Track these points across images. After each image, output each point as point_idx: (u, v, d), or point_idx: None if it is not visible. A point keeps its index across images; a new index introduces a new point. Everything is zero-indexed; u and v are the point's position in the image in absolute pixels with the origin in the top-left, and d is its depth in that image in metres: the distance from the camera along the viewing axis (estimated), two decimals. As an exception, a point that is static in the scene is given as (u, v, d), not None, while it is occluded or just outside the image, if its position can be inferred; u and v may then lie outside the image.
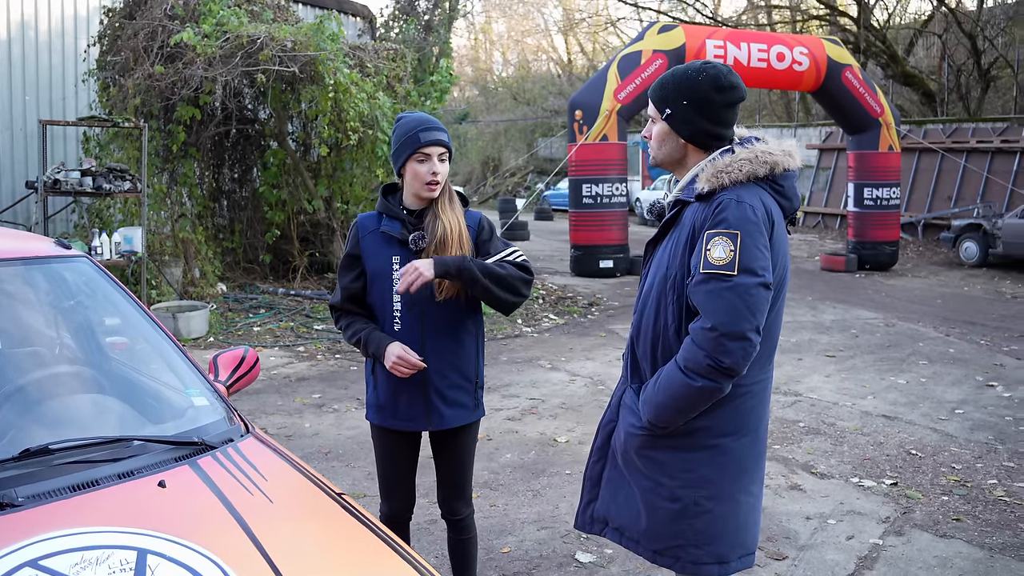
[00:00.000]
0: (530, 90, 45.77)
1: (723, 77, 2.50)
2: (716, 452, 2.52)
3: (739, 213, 2.37)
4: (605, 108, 14.73)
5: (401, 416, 3.21)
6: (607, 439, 2.74)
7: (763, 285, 2.36)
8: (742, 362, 2.34)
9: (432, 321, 3.13)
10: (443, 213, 3.13)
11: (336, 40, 10.24)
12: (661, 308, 2.52)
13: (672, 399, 2.43)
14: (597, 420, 6.59)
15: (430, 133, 3.08)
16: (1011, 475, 5.67)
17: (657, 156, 2.66)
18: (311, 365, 8.34)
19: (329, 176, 12.10)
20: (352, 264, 3.22)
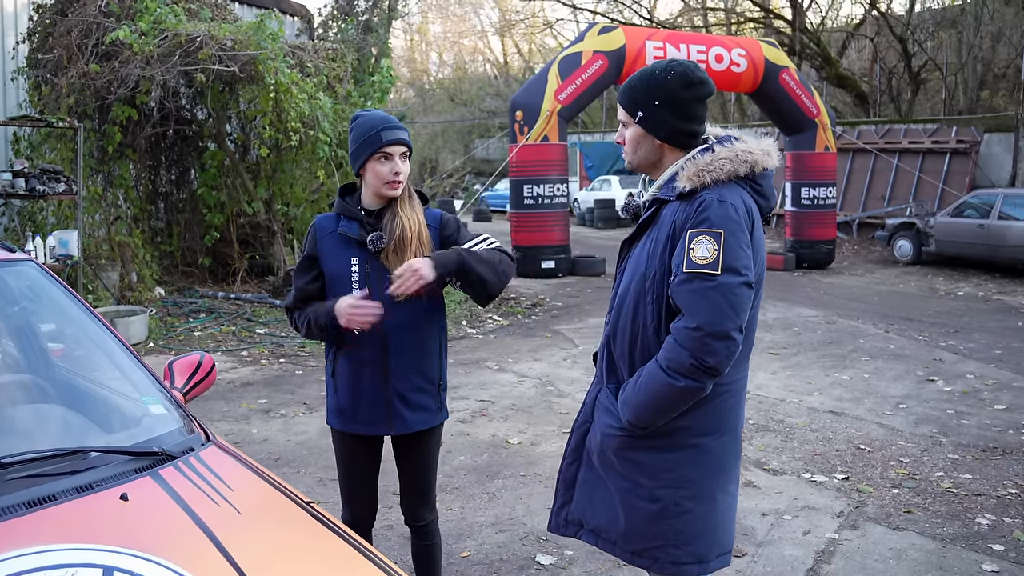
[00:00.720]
0: (467, 91, 45.74)
1: (691, 73, 2.49)
2: (696, 451, 2.50)
3: (722, 212, 2.36)
4: (546, 109, 14.73)
5: (362, 420, 3.13)
6: (581, 440, 2.70)
7: (746, 284, 2.35)
8: (726, 361, 2.33)
9: (393, 322, 3.05)
10: (402, 212, 3.06)
11: (277, 39, 10.07)
12: (640, 307, 2.50)
13: (653, 399, 2.40)
14: (548, 421, 6.65)
15: (392, 132, 3.02)
16: (956, 467, 5.77)
17: (633, 160, 2.63)
18: (255, 370, 8.18)
19: (269, 177, 11.92)
20: (309, 266, 3.15)
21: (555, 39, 46.72)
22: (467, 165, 39.54)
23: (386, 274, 3.03)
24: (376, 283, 3.05)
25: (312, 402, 7.07)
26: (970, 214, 15.80)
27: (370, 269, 3.06)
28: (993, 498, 5.24)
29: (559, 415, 6.86)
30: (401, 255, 3.02)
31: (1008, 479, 5.57)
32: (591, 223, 26.22)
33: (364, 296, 2.98)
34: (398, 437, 3.22)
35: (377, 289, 3.04)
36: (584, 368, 8.42)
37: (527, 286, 14.10)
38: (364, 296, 2.98)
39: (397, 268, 2.96)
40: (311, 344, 9.10)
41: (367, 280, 3.05)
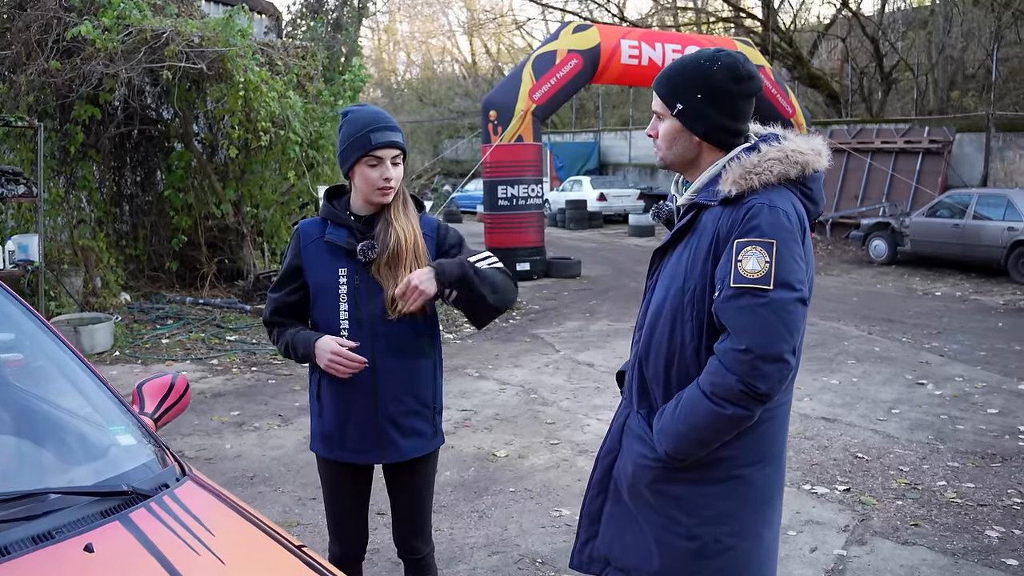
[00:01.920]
0: (436, 91, 45.44)
1: (740, 66, 2.23)
2: (738, 484, 2.25)
3: (773, 219, 2.12)
4: (520, 108, 14.51)
5: (351, 448, 2.85)
6: (607, 471, 2.46)
7: (800, 300, 2.11)
8: (777, 387, 2.09)
9: (385, 341, 2.79)
10: (396, 220, 2.79)
11: (246, 36, 9.74)
12: (677, 325, 2.25)
13: (695, 429, 2.16)
14: (534, 432, 6.40)
15: (383, 134, 2.73)
16: (957, 476, 5.60)
17: (667, 156, 2.36)
18: (226, 379, 7.86)
19: (238, 179, 11.57)
20: (292, 276, 2.87)
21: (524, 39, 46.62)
22: (436, 166, 39.22)
23: (377, 287, 2.77)
24: (366, 297, 2.78)
25: (287, 413, 6.77)
26: (944, 214, 15.75)
27: (359, 281, 2.79)
28: (999, 508, 5.07)
29: (545, 425, 6.61)
30: (394, 268, 2.76)
31: (1012, 487, 5.40)
32: (563, 224, 26.02)
33: (352, 348, 2.73)
34: (390, 465, 2.94)
35: (367, 304, 2.78)
36: (567, 374, 8.19)
37: (502, 289, 13.81)
38: (352, 348, 2.73)
39: (390, 282, 2.73)
40: (284, 351, 8.79)
41: (356, 293, 2.78)
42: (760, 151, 2.21)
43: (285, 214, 12.48)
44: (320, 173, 11.89)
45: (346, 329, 2.79)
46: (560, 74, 14.85)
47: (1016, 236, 14.42)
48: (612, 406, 7.09)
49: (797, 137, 2.28)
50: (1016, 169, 18.57)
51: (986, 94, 21.51)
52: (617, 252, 19.57)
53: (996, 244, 14.66)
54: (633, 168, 30.82)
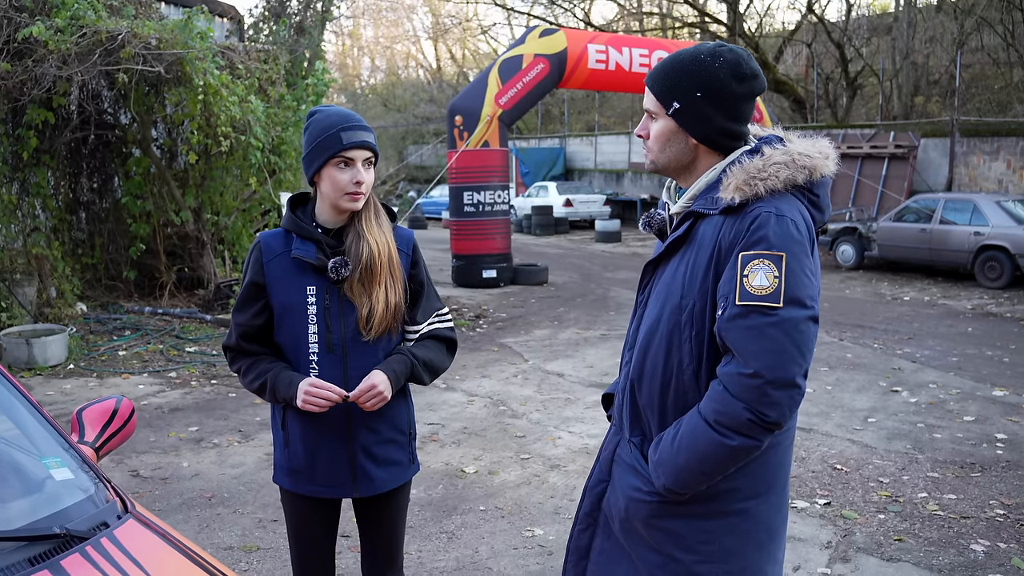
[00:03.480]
0: (400, 97, 45.17)
1: (744, 63, 2.04)
2: (742, 518, 2.07)
3: (781, 230, 1.93)
4: (486, 113, 14.33)
5: (320, 481, 2.63)
6: (597, 503, 2.27)
7: (812, 319, 1.93)
8: (788, 414, 1.91)
9: (357, 364, 2.58)
10: (368, 231, 2.57)
11: (206, 38, 9.46)
12: (674, 346, 2.06)
13: (697, 461, 1.97)
14: (504, 446, 6.20)
15: (354, 133, 2.51)
16: (938, 487, 5.49)
17: (658, 160, 2.15)
18: (185, 393, 7.58)
19: (198, 185, 11.26)
20: (255, 295, 2.61)
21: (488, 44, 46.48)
22: (401, 172, 38.97)
23: (349, 307, 2.56)
24: (337, 317, 2.56)
25: (248, 429, 6.52)
26: (911, 219, 15.77)
27: (329, 301, 2.56)
28: (982, 520, 4.95)
29: (515, 439, 6.42)
30: (369, 285, 2.55)
31: (993, 498, 5.30)
32: (528, 230, 25.87)
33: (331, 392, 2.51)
34: (362, 498, 2.72)
35: (338, 325, 2.56)
36: (536, 385, 8.00)
37: (468, 296, 13.66)
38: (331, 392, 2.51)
39: (364, 300, 2.54)
40: (245, 363, 8.52)
41: (326, 314, 2.56)
42: (764, 154, 2.02)
43: (247, 221, 12.19)
44: (282, 179, 11.61)
45: (315, 353, 2.57)
46: (527, 79, 14.69)
47: (982, 241, 14.45)
48: (583, 418, 6.92)
49: (801, 139, 2.09)
50: (980, 174, 18.67)
51: (950, 99, 21.65)
52: (584, 258, 19.44)
53: (963, 249, 14.68)
54: (599, 173, 30.77)
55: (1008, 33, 20.99)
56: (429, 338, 2.73)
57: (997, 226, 14.36)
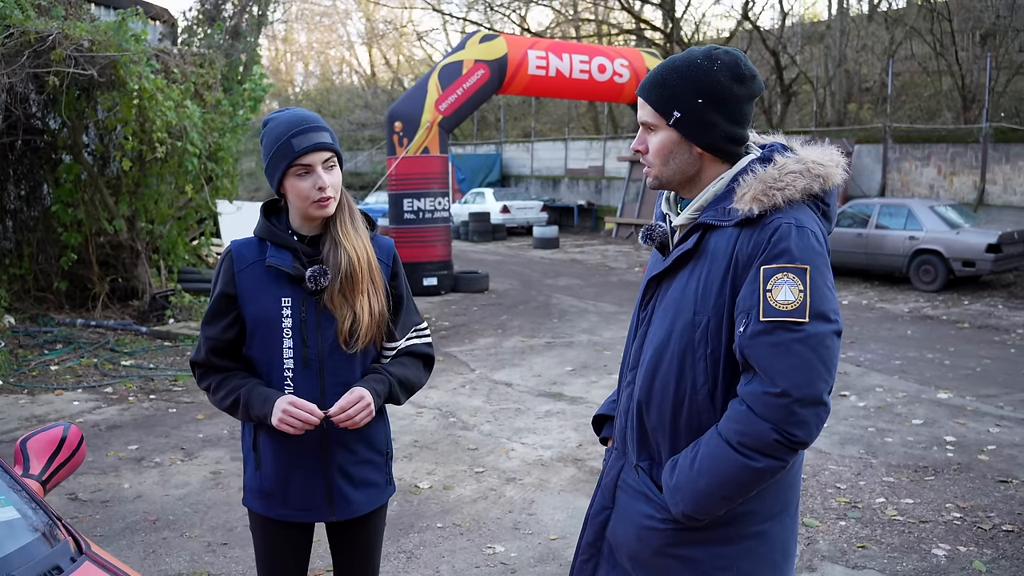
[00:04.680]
0: (335, 103, 44.72)
1: (742, 64, 1.96)
2: (759, 541, 1.99)
3: (803, 242, 1.85)
4: (426, 120, 14.19)
5: (294, 504, 2.47)
6: (600, 533, 2.16)
7: (837, 333, 1.86)
8: (815, 433, 1.84)
9: (335, 380, 2.43)
10: (345, 238, 2.42)
11: (141, 41, 9.16)
12: (687, 365, 1.96)
13: (720, 485, 1.88)
14: (457, 459, 6.05)
15: (305, 137, 2.35)
16: (895, 491, 5.50)
17: (662, 174, 2.04)
18: (122, 409, 7.27)
19: (131, 193, 10.89)
20: (225, 307, 2.44)
21: (424, 50, 46.31)
22: (335, 179, 38.50)
23: (327, 319, 2.41)
24: (314, 330, 2.41)
25: (191, 446, 6.27)
26: (847, 223, 15.98)
27: (306, 313, 2.41)
28: (941, 524, 4.97)
29: (467, 451, 6.28)
30: (351, 295, 2.40)
31: (949, 502, 5.32)
32: (466, 237, 25.74)
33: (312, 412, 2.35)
34: (337, 522, 2.57)
35: (315, 339, 2.41)
36: (485, 395, 7.87)
37: (411, 304, 13.45)
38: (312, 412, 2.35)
39: (346, 312, 2.40)
40: (184, 376, 8.24)
41: (303, 327, 2.40)
42: (776, 163, 1.94)
43: (182, 230, 11.85)
44: (219, 186, 11.33)
45: (290, 369, 2.41)
46: (467, 84, 14.58)
47: (917, 245, 14.70)
48: (535, 428, 6.81)
49: (809, 146, 2.01)
50: (912, 179, 19.04)
51: (882, 106, 22.08)
52: (523, 265, 19.37)
53: (898, 253, 14.92)
54: (536, 180, 30.78)
55: (937, 43, 21.48)
56: (406, 354, 2.59)
57: (931, 230, 14.62)
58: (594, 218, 27.56)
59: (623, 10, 28.04)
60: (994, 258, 13.99)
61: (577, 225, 27.82)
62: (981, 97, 19.68)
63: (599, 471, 5.75)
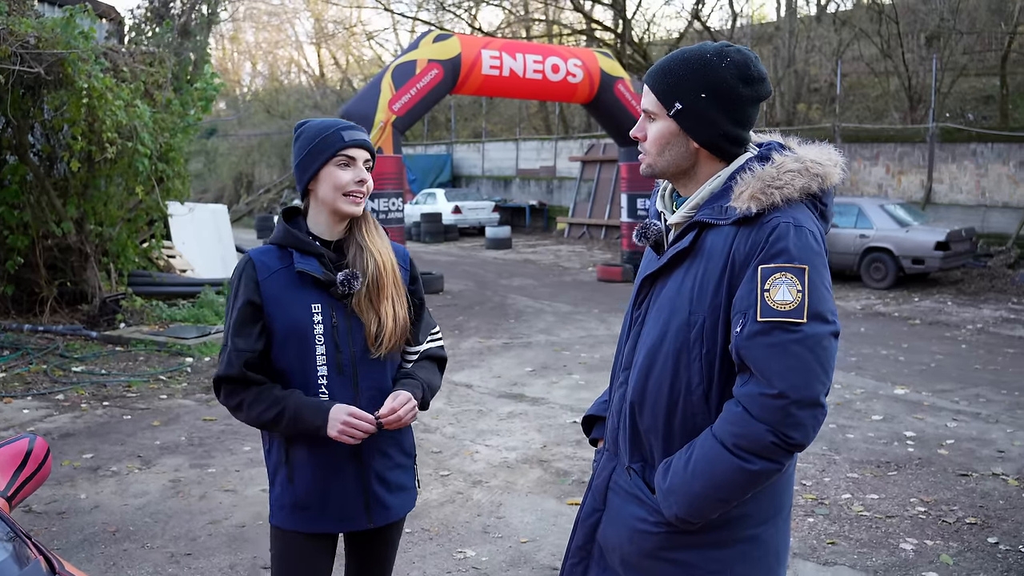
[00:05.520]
0: (284, 103, 44.25)
1: (752, 65, 1.93)
2: (753, 545, 1.97)
3: (801, 241, 1.84)
4: (380, 120, 14.05)
5: (333, 515, 2.43)
6: (590, 535, 2.13)
7: (835, 334, 1.85)
8: (812, 435, 1.81)
9: (368, 384, 2.41)
10: (371, 243, 2.42)
11: (89, 39, 8.94)
12: (682, 366, 1.94)
13: (714, 488, 1.85)
14: (421, 462, 5.96)
15: (355, 132, 2.41)
16: (859, 487, 5.55)
17: (656, 163, 2.01)
18: (75, 417, 7.07)
19: (80, 194, 10.62)
20: (252, 316, 2.38)
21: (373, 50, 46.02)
22: (284, 179, 38.24)
23: (356, 324, 2.39)
24: (345, 336, 2.38)
25: (148, 454, 6.11)
26: (799, 222, 16.18)
27: (336, 320, 2.38)
28: (907, 519, 5.03)
29: (432, 454, 6.21)
30: (376, 300, 2.39)
31: (913, 496, 5.40)
32: (418, 238, 25.65)
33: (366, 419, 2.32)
34: (360, 531, 2.53)
35: (347, 345, 2.38)
36: (445, 397, 7.79)
37: (367, 306, 13.33)
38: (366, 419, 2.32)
39: (372, 317, 2.38)
40: (137, 382, 8.04)
41: (335, 333, 2.38)
42: (774, 161, 1.91)
43: (132, 232, 11.60)
44: (170, 188, 11.10)
45: (324, 377, 2.38)
46: (420, 84, 14.46)
47: (868, 243, 14.91)
48: (498, 430, 6.76)
49: (806, 145, 2.00)
50: (861, 178, 19.31)
51: (830, 107, 22.37)
52: (477, 266, 19.32)
53: (849, 251, 15.11)
54: (487, 180, 30.74)
55: (884, 44, 21.81)
56: (426, 358, 2.60)
57: (881, 229, 14.85)
58: (546, 218, 27.59)
59: (575, 10, 28.09)
60: (943, 256, 14.24)
61: (529, 225, 27.83)
62: (927, 98, 20.03)
63: (565, 472, 5.75)
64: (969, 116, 19.87)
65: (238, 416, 2.41)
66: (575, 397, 7.85)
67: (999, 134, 17.65)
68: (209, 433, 6.55)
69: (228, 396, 2.40)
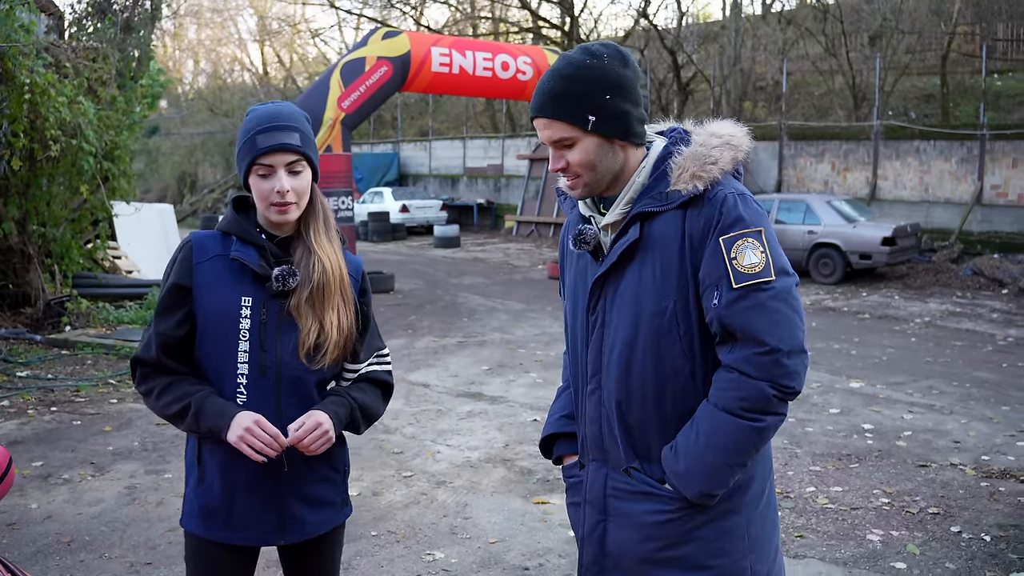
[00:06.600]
0: (228, 101, 43.64)
1: (621, 49, 2.01)
2: (756, 503, 2.05)
3: (749, 207, 1.92)
4: (328, 117, 13.90)
5: (239, 525, 2.25)
6: (600, 548, 2.11)
7: (796, 284, 1.96)
8: (803, 380, 1.92)
9: (293, 389, 2.24)
10: (319, 246, 2.26)
11: (31, 32, 8.67)
12: (664, 352, 1.97)
13: (731, 454, 1.90)
14: (383, 464, 5.87)
15: (270, 135, 2.18)
16: (823, 480, 5.60)
17: (594, 181, 2.01)
18: (22, 423, 6.83)
19: (21, 194, 10.30)
20: (180, 300, 2.23)
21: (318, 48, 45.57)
22: (229, 179, 37.73)
23: (288, 326, 2.23)
24: (274, 335, 2.23)
25: (101, 460, 5.92)
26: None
27: (266, 315, 2.22)
28: (871, 510, 5.08)
29: (393, 455, 6.11)
30: (320, 307, 2.24)
31: (875, 487, 5.45)
32: (366, 237, 25.47)
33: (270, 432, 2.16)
34: (291, 545, 2.36)
35: (274, 345, 2.22)
36: (403, 397, 7.69)
37: (319, 306, 13.15)
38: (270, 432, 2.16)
39: (311, 323, 2.23)
40: (85, 387, 7.82)
41: (262, 330, 2.21)
42: (696, 141, 1.99)
43: (76, 232, 11.31)
44: (116, 187, 10.84)
45: (244, 375, 2.21)
46: (370, 81, 14.32)
47: (816, 239, 15.10)
48: (459, 430, 6.69)
49: (709, 123, 2.07)
50: (807, 175, 19.56)
51: (776, 105, 22.62)
52: (426, 265, 19.22)
53: (797, 247, 15.28)
54: (434, 179, 30.63)
55: (829, 43, 22.13)
56: (365, 380, 2.43)
57: (829, 225, 15.04)
58: (494, 216, 27.55)
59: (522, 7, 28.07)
60: (889, 251, 14.47)
61: (477, 224, 27.77)
62: (871, 96, 20.36)
63: (529, 471, 5.70)
64: (912, 114, 20.23)
65: (148, 404, 2.26)
66: (534, 395, 7.80)
67: (941, 132, 18.01)
68: (163, 437, 6.38)
69: (141, 380, 2.27)
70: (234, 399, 2.21)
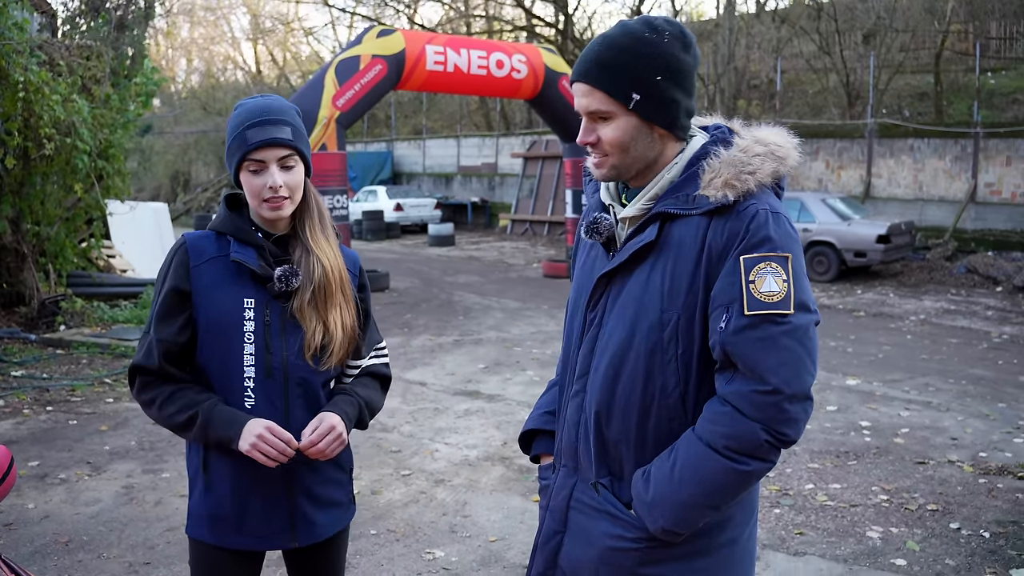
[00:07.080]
0: (221, 100, 43.53)
1: (685, 30, 1.82)
2: (732, 548, 1.88)
3: (781, 229, 1.73)
4: (323, 116, 13.85)
5: (251, 531, 2.22)
6: (552, 561, 1.98)
7: (817, 323, 1.77)
8: (803, 429, 1.72)
9: (300, 393, 2.22)
10: (316, 245, 2.22)
11: (24, 30, 8.62)
12: (655, 368, 1.80)
13: (705, 494, 1.74)
14: (381, 462, 5.89)
15: (261, 129, 2.13)
16: (822, 477, 5.60)
17: (621, 164, 1.84)
18: (17, 423, 6.80)
19: (15, 192, 10.24)
20: (178, 305, 2.18)
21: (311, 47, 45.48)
22: (222, 178, 37.66)
23: (292, 326, 2.20)
24: (278, 336, 2.19)
25: (98, 460, 5.90)
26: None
27: (270, 317, 2.19)
28: (870, 507, 5.09)
29: (391, 454, 6.10)
30: (323, 308, 2.20)
31: (874, 484, 5.46)
32: (360, 235, 25.43)
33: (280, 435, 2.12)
34: (298, 548, 2.33)
35: (279, 346, 2.19)
36: (400, 395, 7.68)
37: (314, 305, 13.12)
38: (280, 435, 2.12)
39: (315, 324, 2.20)
40: (81, 386, 7.79)
41: (266, 332, 2.18)
42: (739, 145, 1.81)
43: (71, 231, 11.27)
44: (110, 185, 10.78)
45: (251, 378, 2.17)
46: (365, 80, 14.28)
47: (811, 237, 15.10)
48: (456, 428, 6.68)
49: (757, 128, 1.88)
50: (802, 173, 19.56)
51: (770, 103, 22.64)
52: (421, 263, 19.19)
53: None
54: (428, 177, 30.58)
55: (823, 41, 22.14)
56: (367, 375, 2.41)
57: (823, 223, 15.05)
58: (488, 215, 27.52)
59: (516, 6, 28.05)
60: (884, 248, 14.49)
61: (471, 222, 27.74)
62: (865, 94, 20.38)
63: (528, 470, 5.69)
64: (905, 112, 20.25)
65: (149, 413, 2.21)
66: (530, 393, 7.79)
67: (935, 129, 18.04)
68: (160, 437, 6.35)
69: (142, 389, 2.20)
70: (241, 402, 2.17)
